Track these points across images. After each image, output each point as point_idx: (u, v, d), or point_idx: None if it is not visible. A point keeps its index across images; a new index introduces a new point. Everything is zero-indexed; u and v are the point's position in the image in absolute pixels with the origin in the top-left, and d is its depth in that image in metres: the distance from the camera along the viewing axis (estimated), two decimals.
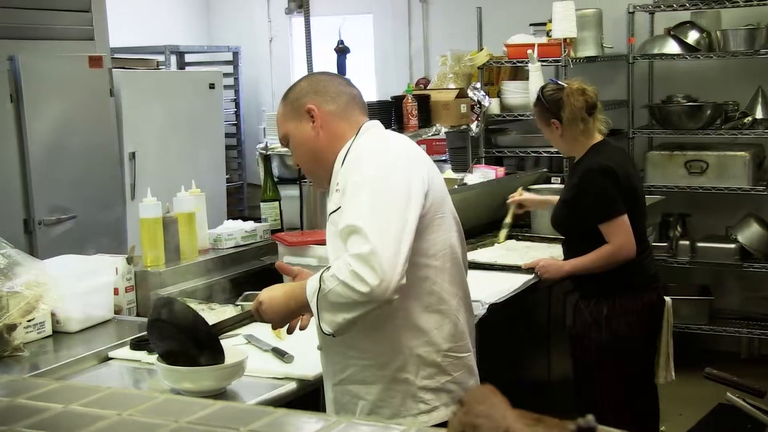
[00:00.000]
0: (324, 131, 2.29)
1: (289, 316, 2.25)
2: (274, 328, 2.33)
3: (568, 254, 3.52)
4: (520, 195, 4.06)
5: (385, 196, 2.08)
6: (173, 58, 6.47)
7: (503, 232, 4.13)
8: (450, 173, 4.91)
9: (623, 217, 3.31)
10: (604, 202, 3.32)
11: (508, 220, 4.13)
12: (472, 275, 3.65)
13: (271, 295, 2.23)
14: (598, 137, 3.47)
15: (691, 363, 4.24)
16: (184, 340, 2.25)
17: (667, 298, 3.53)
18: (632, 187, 3.40)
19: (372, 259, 1.98)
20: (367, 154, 2.19)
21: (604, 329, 3.39)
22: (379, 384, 2.22)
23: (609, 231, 3.32)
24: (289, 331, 2.36)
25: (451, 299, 2.28)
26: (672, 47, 5.47)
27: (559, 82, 3.53)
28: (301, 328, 2.35)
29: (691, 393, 4.62)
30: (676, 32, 5.50)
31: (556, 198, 3.68)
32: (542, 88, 3.55)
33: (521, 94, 5.39)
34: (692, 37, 5.45)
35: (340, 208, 2.14)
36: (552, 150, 5.17)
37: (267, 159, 3.91)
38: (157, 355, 2.35)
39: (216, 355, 2.28)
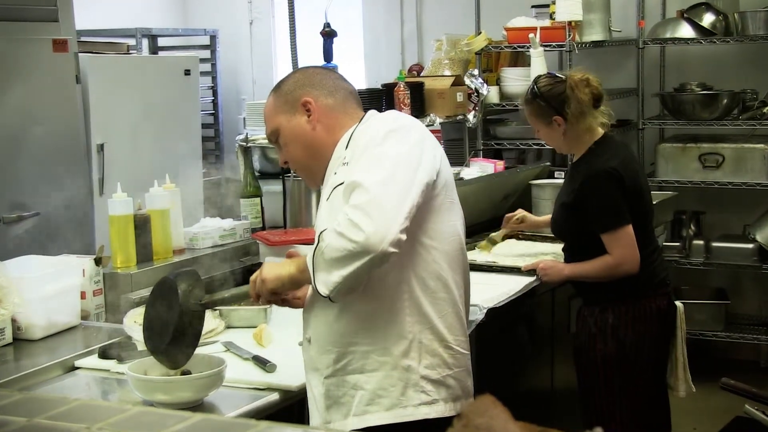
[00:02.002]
0: (321, 125, 2.34)
1: (287, 282, 2.28)
2: (269, 300, 2.34)
3: (569, 259, 3.53)
4: (518, 221, 3.96)
5: (392, 157, 2.16)
6: (145, 42, 6.45)
7: (487, 245, 4.03)
8: None
9: (627, 228, 3.31)
10: (608, 211, 3.32)
11: (497, 238, 4.03)
12: (471, 277, 3.68)
13: (273, 262, 2.35)
14: (600, 132, 3.45)
15: (706, 372, 4.25)
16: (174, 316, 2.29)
17: (679, 303, 3.53)
18: (637, 187, 3.39)
19: (369, 207, 2.06)
20: (379, 124, 2.28)
21: (609, 339, 3.39)
22: (381, 371, 2.26)
23: (611, 242, 3.32)
24: (283, 302, 2.39)
25: (456, 289, 2.35)
26: (685, 31, 5.49)
27: (556, 74, 3.50)
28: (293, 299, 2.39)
29: (706, 405, 4.64)
30: (689, 14, 5.51)
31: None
32: (535, 83, 3.48)
33: (522, 81, 5.39)
34: (707, 19, 5.47)
35: (344, 183, 2.20)
36: None
37: (247, 151, 3.90)
38: (128, 365, 2.35)
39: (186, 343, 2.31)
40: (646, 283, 3.42)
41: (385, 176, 2.12)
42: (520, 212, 3.99)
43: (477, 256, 3.99)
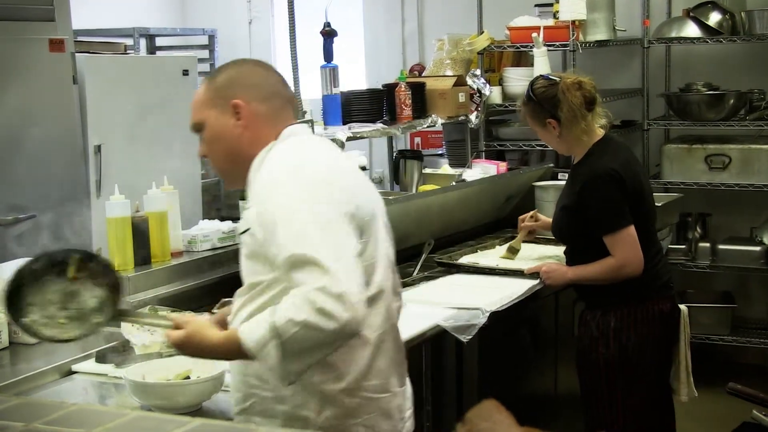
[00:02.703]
0: (248, 132, 2.22)
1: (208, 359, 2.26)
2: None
3: (571, 263, 3.54)
4: (533, 221, 3.95)
5: (325, 218, 2.02)
6: (143, 42, 6.45)
7: (510, 254, 3.99)
8: (447, 168, 4.92)
9: (629, 229, 3.32)
10: (608, 213, 3.33)
11: (516, 245, 3.98)
12: (473, 280, 3.70)
13: (199, 332, 2.11)
14: (599, 133, 3.47)
15: (712, 377, 4.26)
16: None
17: (683, 306, 3.54)
18: (639, 189, 3.40)
19: (337, 291, 1.91)
20: (287, 172, 2.11)
21: (612, 343, 3.40)
22: (278, 419, 2.15)
23: (613, 244, 3.33)
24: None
25: (371, 333, 2.18)
26: (691, 30, 5.49)
27: (551, 76, 3.51)
28: None
29: (713, 410, 4.64)
30: (696, 13, 5.51)
31: None
32: (531, 85, 3.52)
33: (525, 81, 5.34)
34: (714, 18, 5.47)
35: (249, 230, 2.11)
36: None
37: None
38: (126, 370, 2.35)
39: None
40: (649, 286, 3.42)
41: (333, 248, 1.97)
42: (533, 212, 4.00)
43: (479, 258, 4.00)
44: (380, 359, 2.21)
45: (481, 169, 4.81)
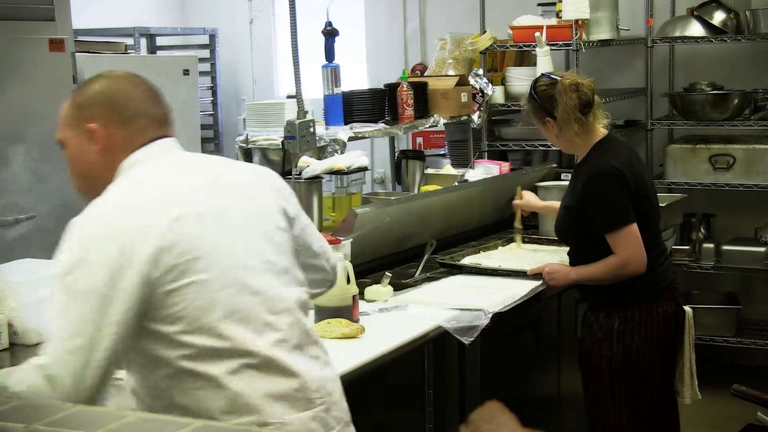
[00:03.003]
0: (104, 158, 2.13)
1: None
2: None
3: (574, 263, 3.54)
4: (520, 198, 4.18)
5: (74, 296, 1.93)
6: (143, 42, 6.46)
7: (518, 238, 4.27)
8: (449, 169, 4.93)
9: (632, 227, 3.32)
10: (611, 210, 3.33)
11: (517, 224, 4.24)
12: (475, 281, 3.70)
13: None
14: (602, 132, 3.48)
15: (716, 379, 4.26)
16: None
17: (687, 308, 3.54)
18: (643, 188, 3.41)
19: (49, 378, 1.90)
20: (77, 226, 2.00)
21: (615, 345, 3.40)
22: None
23: (616, 242, 3.33)
24: None
25: (222, 376, 2.01)
26: (695, 29, 5.49)
27: (553, 76, 3.53)
28: None
29: (717, 413, 4.64)
30: (700, 12, 5.51)
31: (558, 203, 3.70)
32: (535, 82, 3.56)
33: (528, 81, 5.34)
34: (718, 17, 5.47)
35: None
36: None
37: (248, 153, 3.91)
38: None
39: None
40: (653, 287, 3.42)
41: (63, 331, 1.94)
42: (519, 192, 4.18)
43: (482, 259, 4.00)
44: (247, 395, 2.02)
45: (484, 170, 4.82)
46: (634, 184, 3.35)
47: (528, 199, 4.17)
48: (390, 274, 3.55)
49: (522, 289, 3.54)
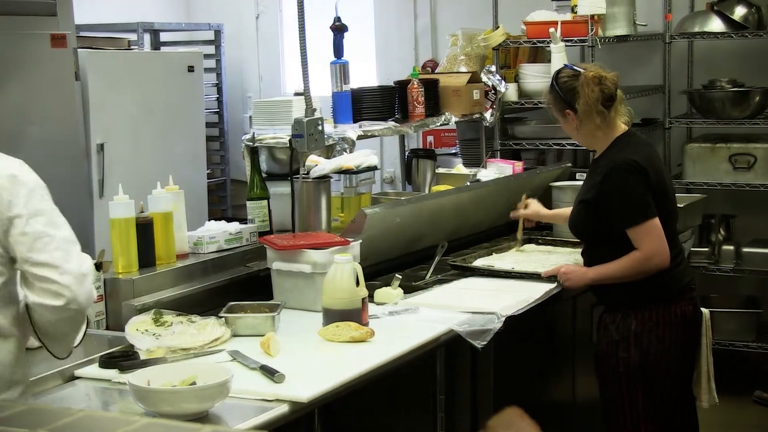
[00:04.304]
0: None
1: None
2: None
3: (590, 264, 3.54)
4: (524, 207, 4.12)
5: None
6: (147, 37, 6.47)
7: (516, 247, 4.22)
8: (461, 168, 4.92)
9: (654, 220, 3.33)
10: (632, 204, 3.34)
11: (519, 235, 4.20)
12: (488, 284, 3.70)
13: None
14: (622, 128, 3.49)
15: (736, 385, 4.26)
16: None
17: (705, 310, 3.54)
18: (663, 185, 3.41)
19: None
20: None
21: (632, 347, 3.40)
22: None
23: (639, 236, 3.33)
24: None
25: None
26: (715, 24, 5.48)
27: (576, 68, 3.54)
28: None
29: (737, 419, 4.63)
30: (720, 7, 5.50)
31: (568, 211, 3.69)
32: (557, 73, 3.58)
33: (542, 78, 5.39)
34: (739, 12, 5.45)
35: None
36: (577, 142, 5.17)
37: (254, 152, 3.91)
38: (130, 375, 2.36)
39: None
40: (671, 288, 3.43)
41: None
42: (524, 199, 4.12)
43: (494, 261, 4.00)
44: None
45: (497, 169, 4.81)
46: (654, 180, 3.36)
47: (533, 208, 4.11)
48: (400, 276, 3.55)
49: (536, 291, 3.54)
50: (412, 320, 3.25)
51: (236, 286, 3.41)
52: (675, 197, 3.57)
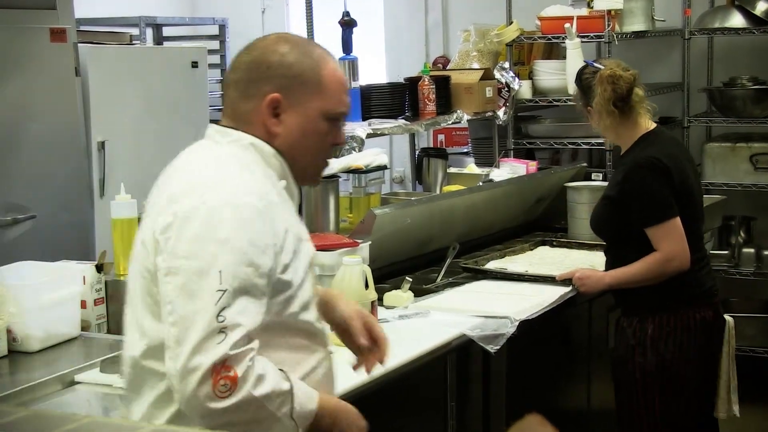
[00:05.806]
0: None
1: None
2: None
3: (611, 263, 3.54)
4: None
5: None
6: (149, 32, 6.49)
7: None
8: (473, 168, 4.93)
9: (675, 220, 3.33)
10: (652, 203, 3.34)
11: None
12: (500, 287, 3.70)
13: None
14: (648, 126, 3.50)
15: (758, 394, 4.25)
16: None
17: (728, 317, 3.53)
18: (687, 185, 3.41)
19: None
20: None
21: (649, 352, 3.40)
22: None
23: (658, 236, 3.33)
24: None
25: None
26: (736, 20, 5.47)
27: (596, 64, 3.56)
28: None
29: (759, 429, 4.62)
30: (741, 2, 5.49)
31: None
32: (581, 69, 3.62)
33: (557, 75, 5.40)
34: (761, 7, 5.44)
35: None
36: (592, 141, 5.18)
37: None
38: None
39: None
40: (691, 293, 3.42)
41: None
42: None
43: (507, 264, 4.00)
44: None
45: (510, 169, 4.81)
46: (678, 179, 3.36)
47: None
48: (410, 279, 3.55)
49: (550, 295, 3.54)
50: (422, 324, 3.25)
51: None
52: (702, 199, 3.58)
